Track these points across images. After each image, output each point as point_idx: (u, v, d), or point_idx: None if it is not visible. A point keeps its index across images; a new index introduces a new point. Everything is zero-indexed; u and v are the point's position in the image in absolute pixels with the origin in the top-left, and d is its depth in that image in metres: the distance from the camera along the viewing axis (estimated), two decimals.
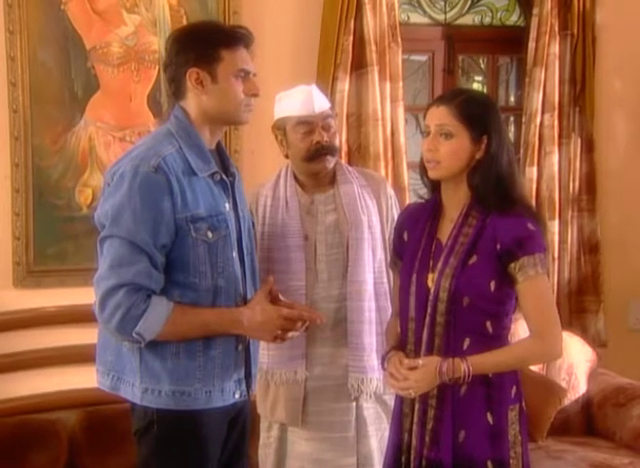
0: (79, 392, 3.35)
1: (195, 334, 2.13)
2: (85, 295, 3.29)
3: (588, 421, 3.68)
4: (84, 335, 3.21)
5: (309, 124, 2.57)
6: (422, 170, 2.24)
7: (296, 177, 2.67)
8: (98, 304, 2.07)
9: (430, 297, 2.14)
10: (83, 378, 3.24)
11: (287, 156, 2.67)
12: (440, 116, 2.14)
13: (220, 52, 2.16)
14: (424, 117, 2.21)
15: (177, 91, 2.22)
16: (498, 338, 2.14)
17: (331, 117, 2.63)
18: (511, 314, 2.18)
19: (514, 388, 2.17)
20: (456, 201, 2.20)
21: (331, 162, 2.60)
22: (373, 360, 2.58)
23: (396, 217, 2.68)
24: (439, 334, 2.13)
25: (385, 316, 2.58)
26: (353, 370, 2.57)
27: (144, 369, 2.13)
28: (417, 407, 2.17)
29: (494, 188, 2.13)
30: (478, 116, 2.14)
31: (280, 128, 2.62)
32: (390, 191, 2.76)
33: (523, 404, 2.19)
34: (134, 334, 2.05)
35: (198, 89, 2.17)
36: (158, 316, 2.06)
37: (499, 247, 2.10)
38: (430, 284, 2.16)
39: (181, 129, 2.19)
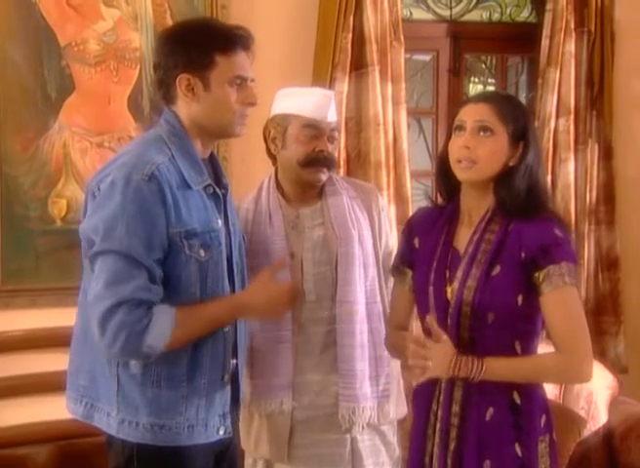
0: (51, 424, 3.30)
1: (206, 331, 2.14)
2: (59, 317, 3.29)
3: (610, 455, 3.63)
4: (57, 361, 3.15)
5: (318, 129, 2.54)
6: (443, 172, 2.21)
7: (280, 189, 2.64)
8: (97, 328, 2.04)
9: (450, 311, 2.12)
10: (55, 409, 3.17)
11: (273, 158, 2.64)
12: (480, 112, 2.11)
13: (213, 56, 2.13)
14: (453, 115, 2.18)
15: (166, 95, 2.20)
16: None
17: (337, 130, 2.63)
18: (541, 333, 2.15)
19: (544, 417, 2.15)
20: (477, 207, 2.18)
21: (325, 175, 2.58)
22: (365, 387, 2.54)
23: (389, 231, 2.70)
24: (465, 352, 2.08)
25: (379, 338, 2.55)
26: (344, 398, 2.53)
27: (122, 397, 2.10)
28: (437, 427, 2.15)
29: (524, 200, 2.11)
30: (518, 119, 2.13)
31: (280, 124, 2.58)
32: (382, 203, 2.75)
33: (554, 435, 2.16)
34: (145, 350, 2.03)
35: (188, 96, 2.15)
36: (164, 324, 2.04)
37: (523, 255, 2.08)
38: (450, 296, 2.13)
39: (174, 135, 2.17)
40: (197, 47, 2.12)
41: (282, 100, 2.61)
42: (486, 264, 2.10)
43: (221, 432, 2.20)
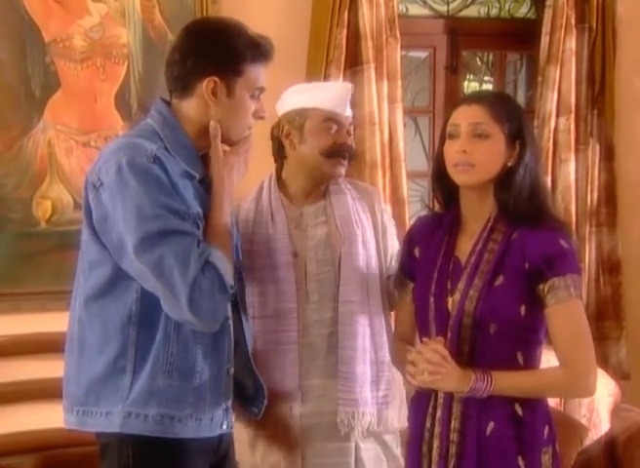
0: (36, 433, 3.28)
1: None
2: (42, 323, 3.27)
3: (613, 464, 3.62)
4: (41, 368, 3.16)
5: (339, 123, 2.56)
6: (440, 177, 2.20)
7: (282, 189, 2.63)
8: (187, 306, 2.00)
9: (451, 323, 2.11)
10: (40, 418, 3.19)
11: (278, 156, 2.62)
12: (474, 114, 2.11)
13: (243, 65, 2.14)
14: (447, 117, 2.18)
15: (181, 92, 2.18)
16: None
17: (353, 124, 2.65)
18: (544, 342, 2.15)
19: (547, 428, 2.13)
20: (479, 214, 2.17)
21: (344, 169, 2.59)
22: (366, 391, 2.52)
23: (394, 234, 2.68)
24: (463, 365, 2.07)
25: (380, 342, 2.54)
26: (343, 402, 2.51)
27: (130, 390, 2.07)
28: (435, 444, 2.14)
29: (526, 201, 2.10)
30: (514, 118, 2.13)
31: (296, 120, 2.56)
32: (384, 205, 2.75)
33: (557, 446, 2.15)
34: (229, 289, 2.08)
35: (211, 99, 2.14)
36: (224, 263, 2.08)
37: (527, 265, 2.07)
38: (451, 307, 2.12)
39: (168, 127, 2.15)
40: (230, 53, 2.13)
41: (295, 97, 2.60)
42: (489, 274, 2.09)
43: (224, 426, 2.21)
